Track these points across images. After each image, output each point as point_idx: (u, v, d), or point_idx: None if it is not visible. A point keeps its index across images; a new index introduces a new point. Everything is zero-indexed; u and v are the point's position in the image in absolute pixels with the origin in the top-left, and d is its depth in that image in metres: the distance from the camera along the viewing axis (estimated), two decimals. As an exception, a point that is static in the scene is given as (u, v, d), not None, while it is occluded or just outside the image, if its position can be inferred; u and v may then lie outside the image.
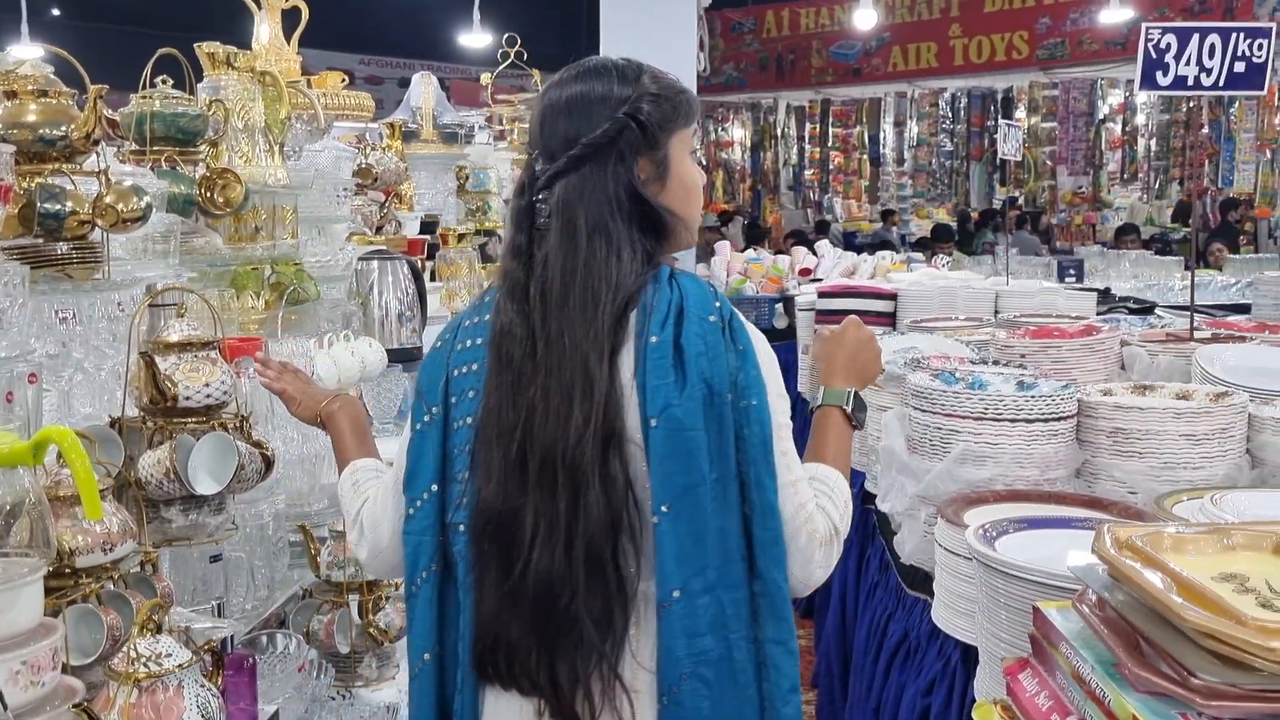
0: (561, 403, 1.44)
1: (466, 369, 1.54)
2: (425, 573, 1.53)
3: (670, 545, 1.42)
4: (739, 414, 1.46)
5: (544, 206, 1.50)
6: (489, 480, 1.47)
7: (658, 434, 1.43)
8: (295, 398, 1.84)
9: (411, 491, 1.54)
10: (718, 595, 1.44)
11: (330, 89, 3.20)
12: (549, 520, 1.43)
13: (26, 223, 1.85)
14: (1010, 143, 4.99)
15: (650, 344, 1.44)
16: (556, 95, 1.53)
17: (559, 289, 1.47)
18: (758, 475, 1.46)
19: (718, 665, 1.44)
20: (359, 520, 1.64)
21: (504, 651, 1.46)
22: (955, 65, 13.51)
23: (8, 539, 1.42)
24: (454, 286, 3.77)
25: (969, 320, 4.07)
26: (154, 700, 1.36)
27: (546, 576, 1.42)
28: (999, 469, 2.28)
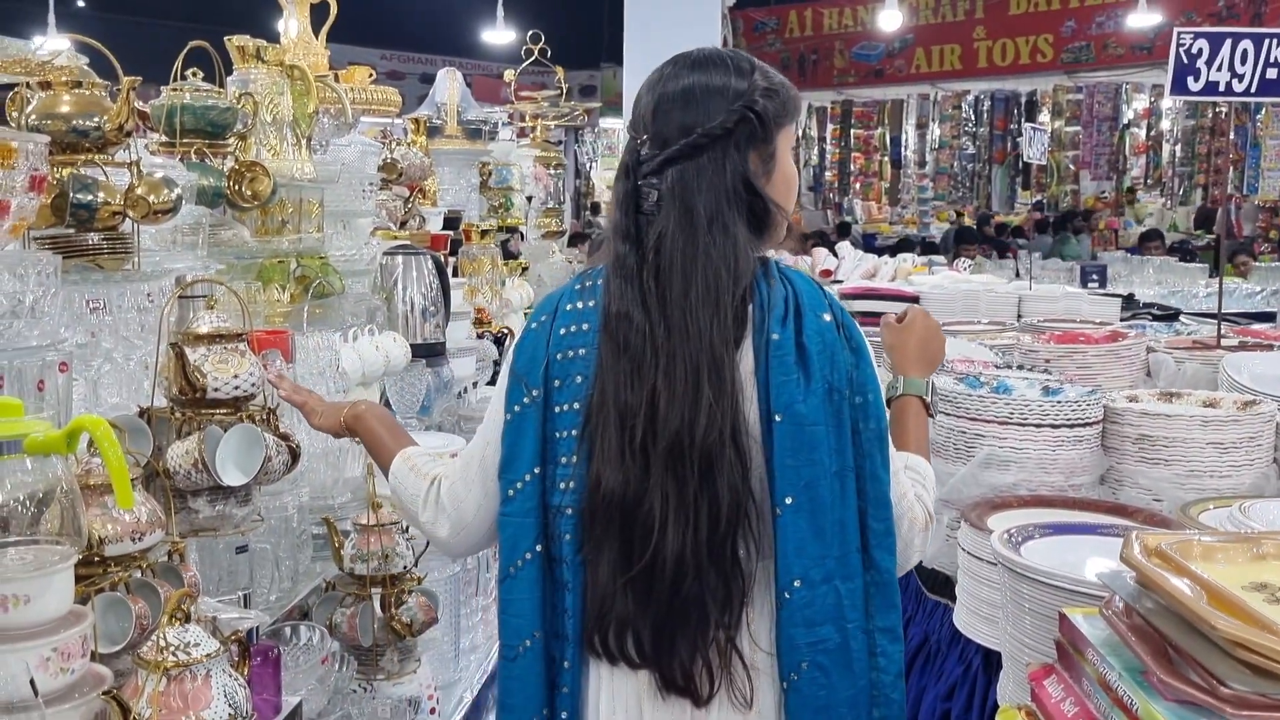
0: (687, 389, 1.46)
1: (573, 353, 1.55)
2: (528, 554, 1.54)
3: (792, 537, 1.47)
4: (855, 410, 1.51)
5: (651, 191, 1.53)
6: (607, 464, 1.48)
7: (782, 429, 1.47)
8: (316, 409, 1.87)
9: (510, 474, 1.55)
10: (835, 585, 1.48)
11: (357, 84, 3.21)
12: (678, 505, 1.45)
13: (59, 213, 1.86)
14: (1035, 146, 4.98)
15: (773, 341, 1.48)
16: (673, 84, 1.55)
17: (679, 276, 1.49)
18: (873, 468, 1.51)
19: (835, 654, 1.48)
20: (434, 499, 1.65)
21: (619, 627, 1.49)
22: (979, 67, 13.45)
23: (39, 526, 1.42)
24: (476, 282, 3.78)
25: (992, 324, 4.05)
26: (182, 689, 1.37)
27: (675, 558, 1.45)
28: (1023, 474, 2.27)
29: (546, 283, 4.85)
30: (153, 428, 1.82)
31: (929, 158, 14.34)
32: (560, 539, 1.53)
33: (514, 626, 1.55)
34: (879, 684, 1.53)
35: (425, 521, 1.67)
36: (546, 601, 1.54)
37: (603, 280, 1.56)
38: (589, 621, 1.51)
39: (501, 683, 1.58)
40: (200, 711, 1.36)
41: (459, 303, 3.38)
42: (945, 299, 4.64)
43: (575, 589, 1.52)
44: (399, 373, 2.70)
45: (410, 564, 2.09)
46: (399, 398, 2.75)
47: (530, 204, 5.02)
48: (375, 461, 1.83)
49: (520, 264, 4.49)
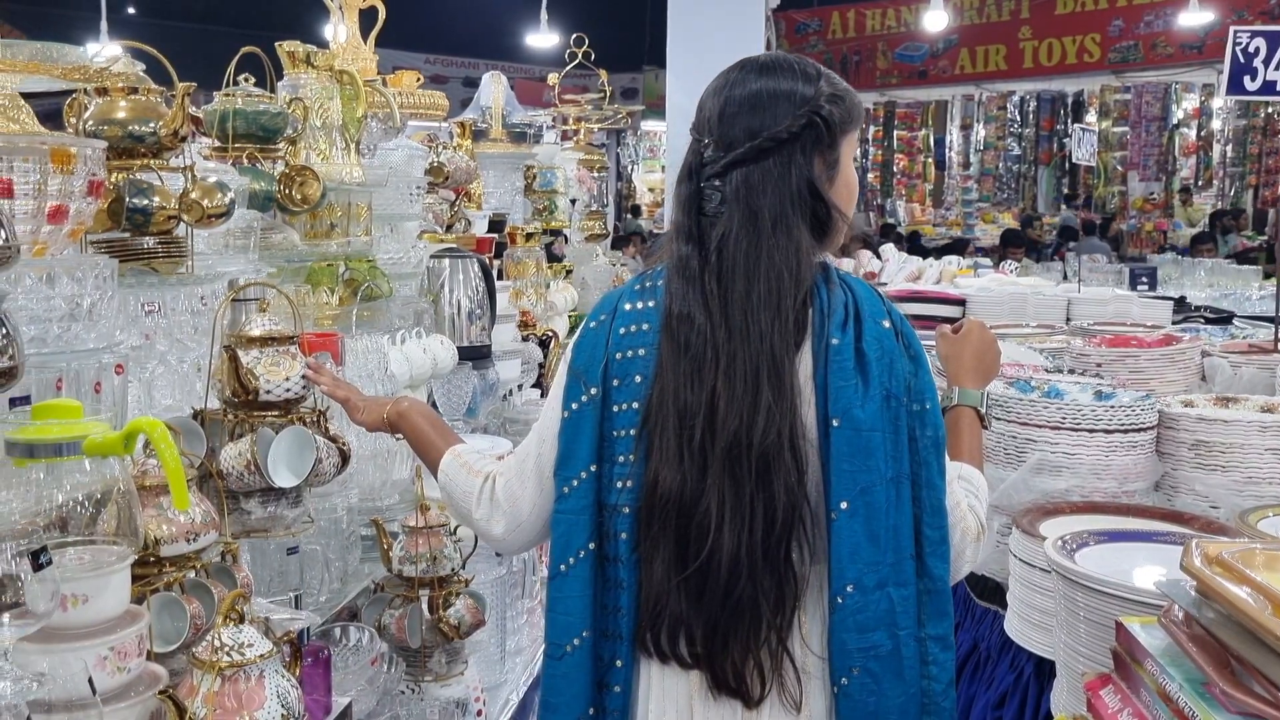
0: (746, 391, 1.46)
1: (632, 353, 1.55)
2: (581, 552, 1.54)
3: (846, 541, 1.47)
4: (912, 417, 1.51)
5: (715, 194, 1.53)
6: (665, 463, 1.48)
7: (839, 434, 1.47)
8: (359, 405, 1.86)
9: (567, 471, 1.56)
10: (888, 591, 1.48)
11: (405, 88, 3.23)
12: (734, 506, 1.46)
13: (115, 217, 1.88)
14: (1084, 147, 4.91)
15: (832, 346, 1.48)
16: (740, 89, 1.56)
17: (741, 278, 1.49)
18: (929, 476, 1.51)
19: (887, 660, 1.48)
20: (489, 496, 1.65)
21: (672, 626, 1.49)
22: (1024, 68, 13.32)
23: (96, 527, 1.44)
24: (521, 285, 3.79)
25: (1040, 327, 4.00)
26: (236, 689, 1.38)
27: (730, 559, 1.45)
28: (1076, 480, 2.24)
29: (590, 285, 4.85)
30: (206, 429, 1.84)
31: (973, 159, 14.23)
32: (615, 537, 1.53)
33: (563, 624, 1.55)
34: (930, 692, 1.52)
35: (479, 518, 1.66)
36: (597, 600, 1.54)
37: (663, 281, 1.56)
38: (642, 619, 1.51)
39: (546, 681, 1.58)
40: (254, 711, 1.37)
41: (504, 306, 3.39)
42: (992, 302, 4.59)
43: (630, 588, 1.52)
44: (445, 375, 2.71)
45: (458, 566, 2.10)
46: (445, 400, 2.76)
47: (574, 207, 5.03)
48: (421, 458, 1.82)
49: (564, 267, 4.50)
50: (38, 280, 1.62)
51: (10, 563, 1.21)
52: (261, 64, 2.54)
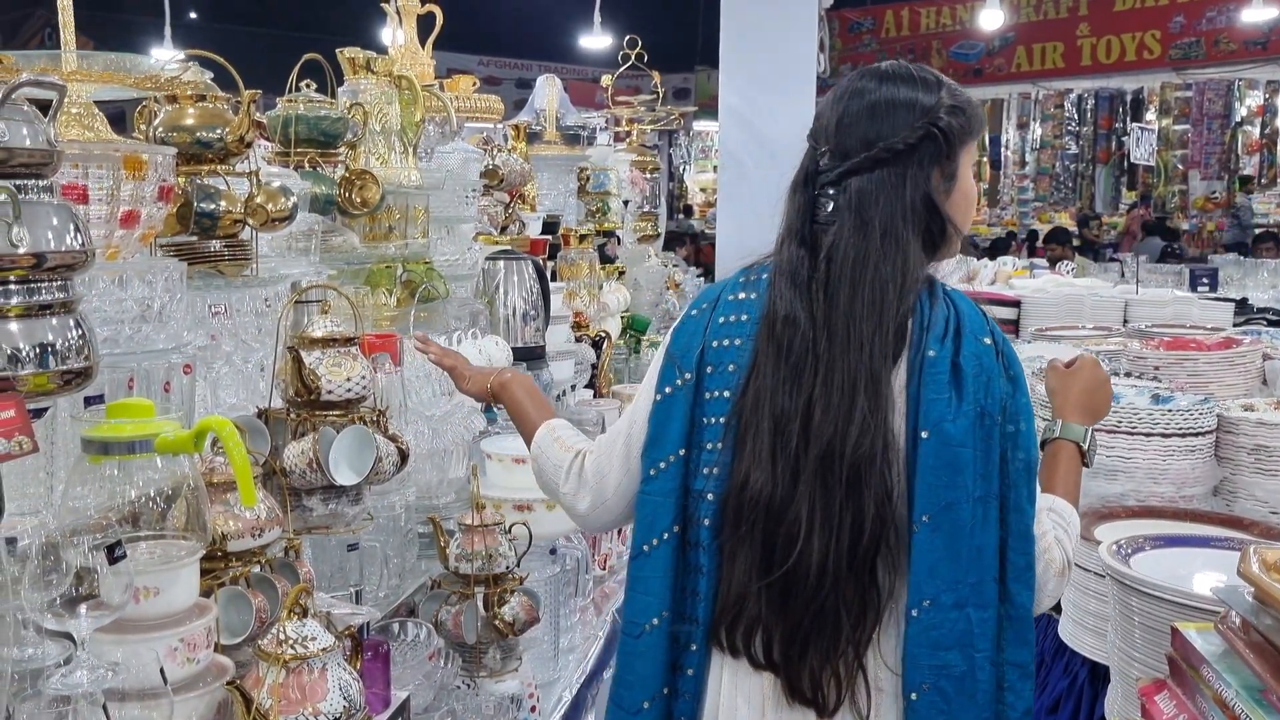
0: (843, 400, 1.47)
1: (728, 342, 1.57)
2: (665, 534, 1.56)
3: (925, 556, 1.46)
4: (1006, 438, 1.49)
5: (828, 202, 1.55)
6: (757, 465, 1.49)
7: (927, 446, 1.46)
8: (465, 373, 1.92)
9: (656, 453, 1.58)
10: (967, 612, 1.46)
11: (461, 92, 3.27)
12: (824, 514, 1.46)
13: (183, 221, 1.94)
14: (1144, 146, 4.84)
15: (928, 358, 1.48)
16: (859, 98, 1.56)
17: (847, 287, 1.50)
18: (1018, 499, 1.49)
19: (960, 681, 1.46)
20: (577, 471, 1.69)
21: (750, 627, 1.51)
22: (1082, 65, 13.13)
23: (165, 522, 1.49)
24: (575, 286, 3.82)
25: (1097, 329, 3.96)
26: (300, 681, 1.42)
27: (817, 567, 1.46)
28: (1132, 484, 2.23)
29: (643, 287, 4.88)
30: (270, 428, 1.89)
31: (1029, 158, 14.04)
32: (699, 523, 1.54)
33: (642, 604, 1.57)
34: (1004, 718, 1.50)
35: (566, 493, 1.70)
36: (677, 583, 1.56)
37: (768, 275, 1.58)
38: (720, 614, 1.52)
39: (622, 659, 1.60)
40: (317, 704, 1.41)
41: (558, 307, 3.43)
42: (1048, 303, 4.54)
43: (710, 574, 1.53)
44: (500, 376, 2.74)
45: (513, 564, 2.13)
46: (500, 400, 2.79)
47: (626, 208, 5.06)
48: (518, 429, 1.87)
49: (617, 268, 4.53)
50: (110, 283, 1.67)
51: (86, 556, 1.26)
52: (322, 69, 2.59)
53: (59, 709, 1.30)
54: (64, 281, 1.40)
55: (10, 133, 1.33)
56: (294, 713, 1.39)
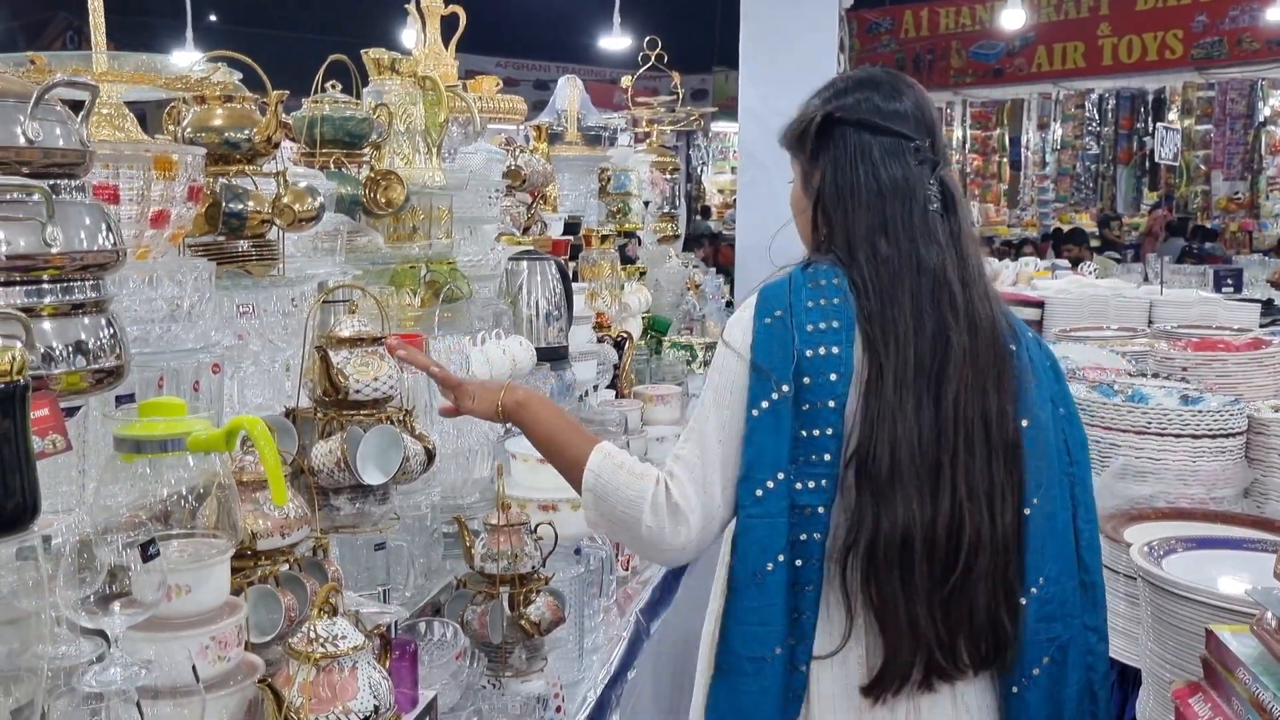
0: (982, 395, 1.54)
1: (825, 350, 1.52)
2: (780, 556, 1.50)
3: (1037, 536, 1.55)
4: (1061, 420, 1.62)
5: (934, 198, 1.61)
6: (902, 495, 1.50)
7: (1029, 434, 1.56)
8: (470, 390, 1.77)
9: (760, 473, 1.51)
10: (1063, 583, 1.57)
11: (485, 93, 3.28)
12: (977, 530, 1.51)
13: (212, 221, 1.95)
14: (1168, 146, 4.81)
15: (1011, 351, 1.58)
16: (912, 90, 1.71)
17: (978, 278, 1.59)
18: (1081, 473, 1.62)
19: (1068, 648, 1.57)
20: (665, 503, 1.54)
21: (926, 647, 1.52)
22: (1103, 65, 13.05)
23: (196, 521, 1.50)
24: (596, 287, 3.82)
25: (1122, 330, 3.94)
26: (330, 679, 1.42)
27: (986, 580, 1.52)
28: (1161, 485, 2.21)
29: (664, 287, 4.87)
30: (297, 427, 1.89)
31: (1049, 159, 13.98)
32: (808, 540, 1.51)
33: (761, 636, 1.50)
34: (1092, 682, 1.60)
35: (650, 526, 1.54)
36: (790, 606, 1.51)
37: (848, 280, 1.57)
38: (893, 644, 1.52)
39: (732, 699, 1.53)
40: (347, 702, 1.41)
41: (580, 307, 3.43)
42: (1072, 304, 4.52)
43: (816, 590, 1.52)
44: (524, 376, 2.75)
45: (538, 564, 2.13)
46: (524, 400, 2.79)
47: (647, 209, 5.05)
48: (543, 451, 1.72)
49: (638, 268, 4.53)
50: (141, 282, 1.69)
51: (120, 554, 1.26)
52: (344, 71, 2.60)
53: (92, 706, 1.31)
54: (96, 281, 1.41)
55: (44, 133, 1.34)
56: (325, 711, 1.39)
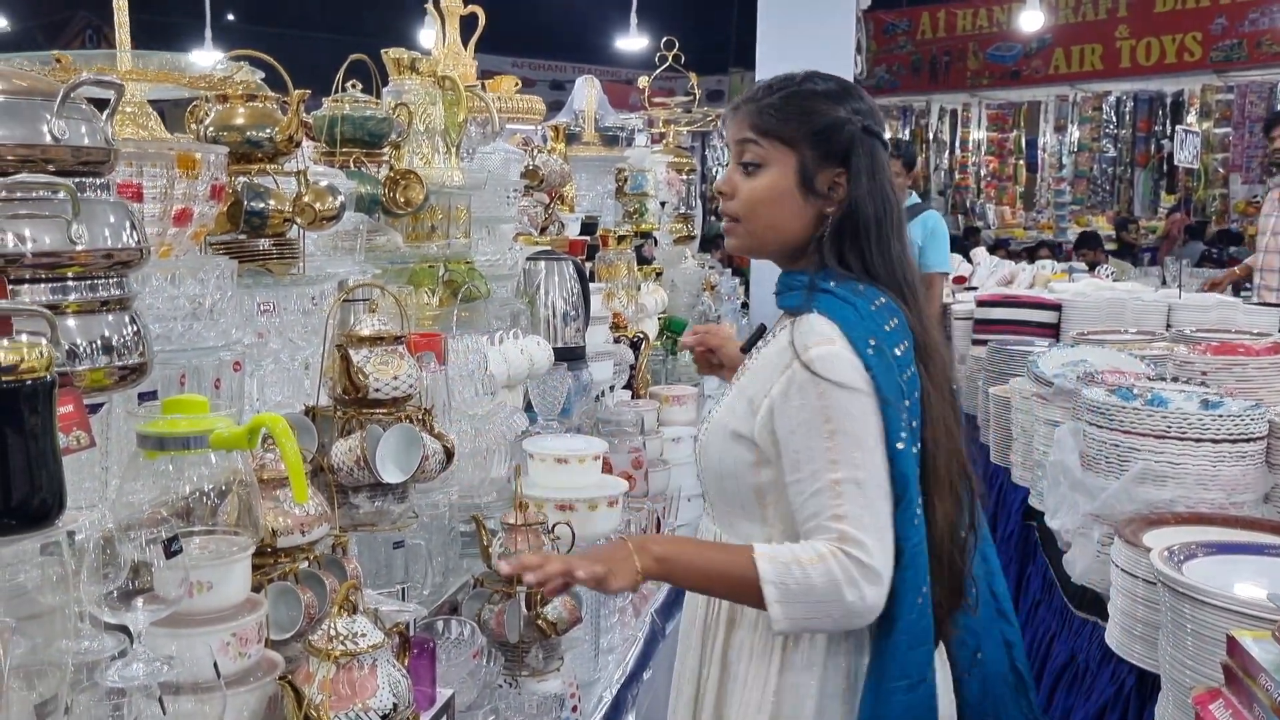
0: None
1: (910, 372, 1.63)
2: (925, 585, 1.60)
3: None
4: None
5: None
6: (950, 499, 1.66)
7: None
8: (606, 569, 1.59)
9: (913, 501, 1.58)
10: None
11: (504, 93, 3.28)
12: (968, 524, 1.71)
13: (233, 220, 1.96)
14: (1187, 149, 4.79)
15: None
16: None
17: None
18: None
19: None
20: (855, 573, 1.52)
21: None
22: (1121, 68, 13.00)
23: (217, 518, 1.50)
24: (613, 287, 3.82)
25: (1140, 334, 3.92)
26: (350, 677, 1.42)
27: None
28: (1181, 490, 2.20)
29: (679, 288, 4.87)
30: (317, 425, 1.90)
31: (1066, 161, 13.92)
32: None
33: (924, 658, 1.59)
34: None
35: (854, 600, 1.52)
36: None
37: (893, 301, 1.66)
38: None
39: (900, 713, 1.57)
40: (367, 700, 1.41)
41: (596, 307, 3.43)
42: (1089, 307, 4.50)
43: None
44: (541, 376, 2.75)
45: (555, 564, 2.12)
46: (541, 400, 2.80)
47: (663, 209, 5.05)
48: (703, 591, 1.73)
49: (654, 269, 4.52)
50: (164, 280, 1.69)
51: (143, 550, 1.27)
52: (366, 70, 2.61)
53: (115, 701, 1.31)
54: (120, 278, 1.41)
55: (70, 131, 1.35)
56: (345, 708, 1.39)
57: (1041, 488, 2.79)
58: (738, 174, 1.72)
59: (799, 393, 1.58)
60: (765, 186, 1.69)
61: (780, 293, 1.76)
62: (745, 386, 1.70)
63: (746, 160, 1.70)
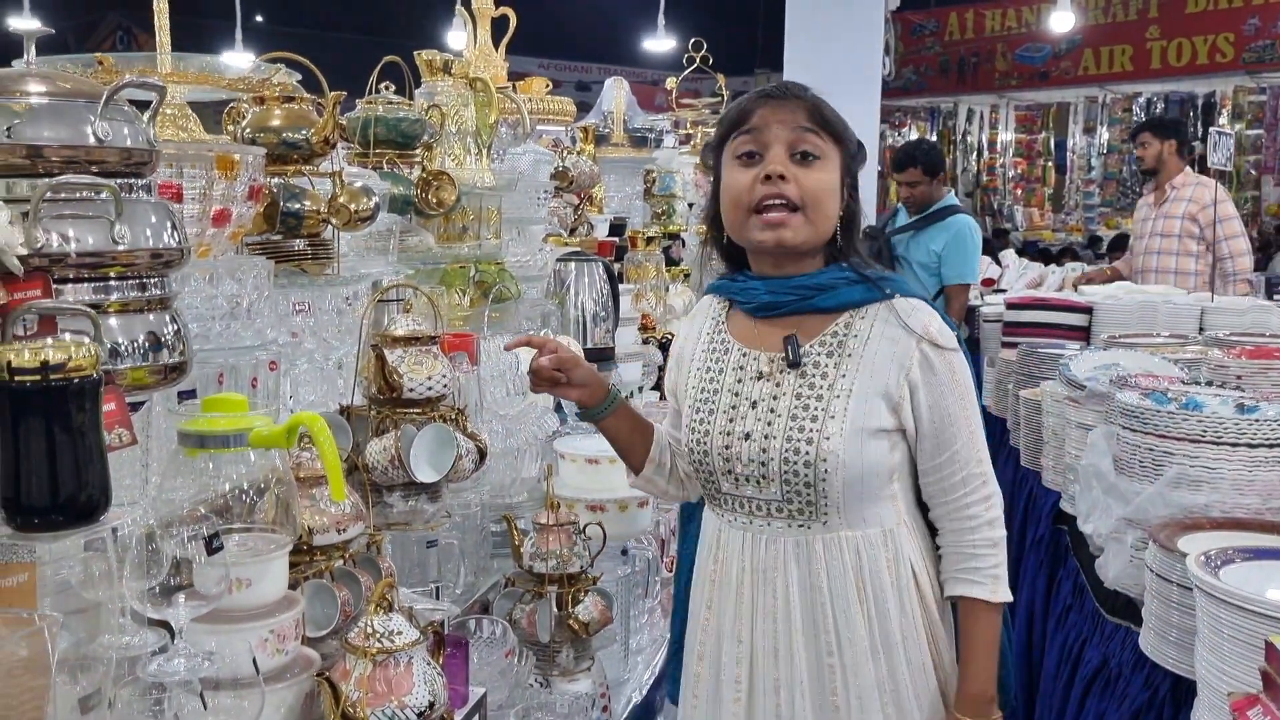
0: None
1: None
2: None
3: None
4: None
5: None
6: None
7: None
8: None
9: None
10: None
11: (534, 94, 3.30)
12: None
13: (269, 220, 1.97)
14: (1220, 151, 4.73)
15: None
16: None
17: None
18: None
19: None
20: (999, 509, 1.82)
21: None
22: (1152, 69, 12.88)
23: (254, 516, 1.52)
24: (641, 288, 3.83)
25: (1173, 337, 3.89)
26: (386, 674, 1.43)
27: None
28: (1216, 495, 2.17)
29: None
30: (351, 424, 1.91)
31: (1095, 163, 13.81)
32: None
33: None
34: None
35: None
36: None
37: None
38: None
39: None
40: (403, 697, 1.42)
41: (625, 308, 3.43)
42: (1120, 310, 4.46)
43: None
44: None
45: (587, 564, 2.14)
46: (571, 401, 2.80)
47: (690, 210, 5.05)
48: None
49: (682, 270, 4.53)
50: (202, 280, 1.71)
51: (185, 546, 1.29)
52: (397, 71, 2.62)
53: (155, 696, 1.33)
54: (161, 278, 1.43)
55: (113, 133, 1.36)
56: (381, 705, 1.41)
57: (1073, 492, 2.77)
58: (791, 162, 1.69)
59: (935, 369, 1.71)
60: (827, 179, 1.71)
61: (817, 293, 1.74)
62: (866, 386, 1.70)
63: (805, 150, 1.69)
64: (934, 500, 1.78)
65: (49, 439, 1.14)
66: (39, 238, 1.27)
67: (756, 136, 1.70)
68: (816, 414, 1.70)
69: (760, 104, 1.73)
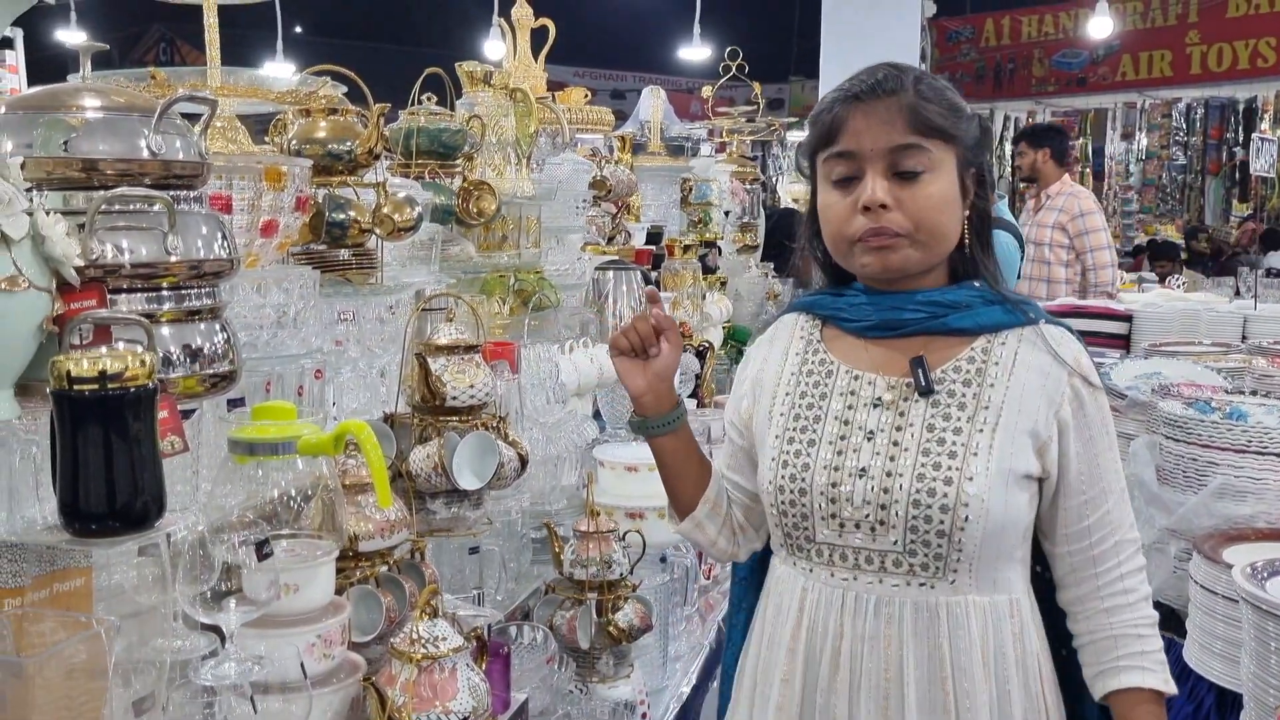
0: None
1: None
2: None
3: None
4: None
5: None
6: None
7: None
8: None
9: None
10: None
11: (574, 104, 3.32)
12: None
13: (315, 231, 2.00)
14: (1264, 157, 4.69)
15: None
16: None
17: None
18: None
19: None
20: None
21: None
22: (1191, 74, 12.73)
23: (301, 522, 1.54)
24: (678, 296, 3.84)
25: (1215, 345, 3.85)
26: (431, 680, 1.45)
27: None
28: (1261, 505, 2.16)
29: (743, 297, 4.87)
30: (395, 432, 1.94)
31: (1134, 169, 13.68)
32: None
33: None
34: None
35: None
36: None
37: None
38: None
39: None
40: (447, 702, 1.44)
41: (663, 317, 3.44)
42: (1160, 318, 4.42)
43: None
44: (611, 384, 2.78)
45: (626, 571, 2.15)
46: (609, 409, 2.82)
47: (727, 219, 5.06)
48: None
49: (719, 278, 4.53)
50: (250, 290, 1.74)
51: (235, 552, 1.31)
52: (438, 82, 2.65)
53: (206, 699, 1.35)
54: (212, 288, 1.45)
55: (166, 146, 1.39)
56: (426, 710, 1.42)
57: (1114, 501, 2.75)
58: (893, 184, 1.46)
59: (1087, 409, 1.50)
60: (938, 194, 1.47)
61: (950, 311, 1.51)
62: (1012, 421, 1.46)
63: (906, 169, 1.46)
64: (1079, 572, 1.52)
65: (106, 447, 1.16)
66: (94, 249, 1.30)
67: (849, 160, 1.48)
68: (955, 450, 1.45)
69: (850, 110, 1.48)
